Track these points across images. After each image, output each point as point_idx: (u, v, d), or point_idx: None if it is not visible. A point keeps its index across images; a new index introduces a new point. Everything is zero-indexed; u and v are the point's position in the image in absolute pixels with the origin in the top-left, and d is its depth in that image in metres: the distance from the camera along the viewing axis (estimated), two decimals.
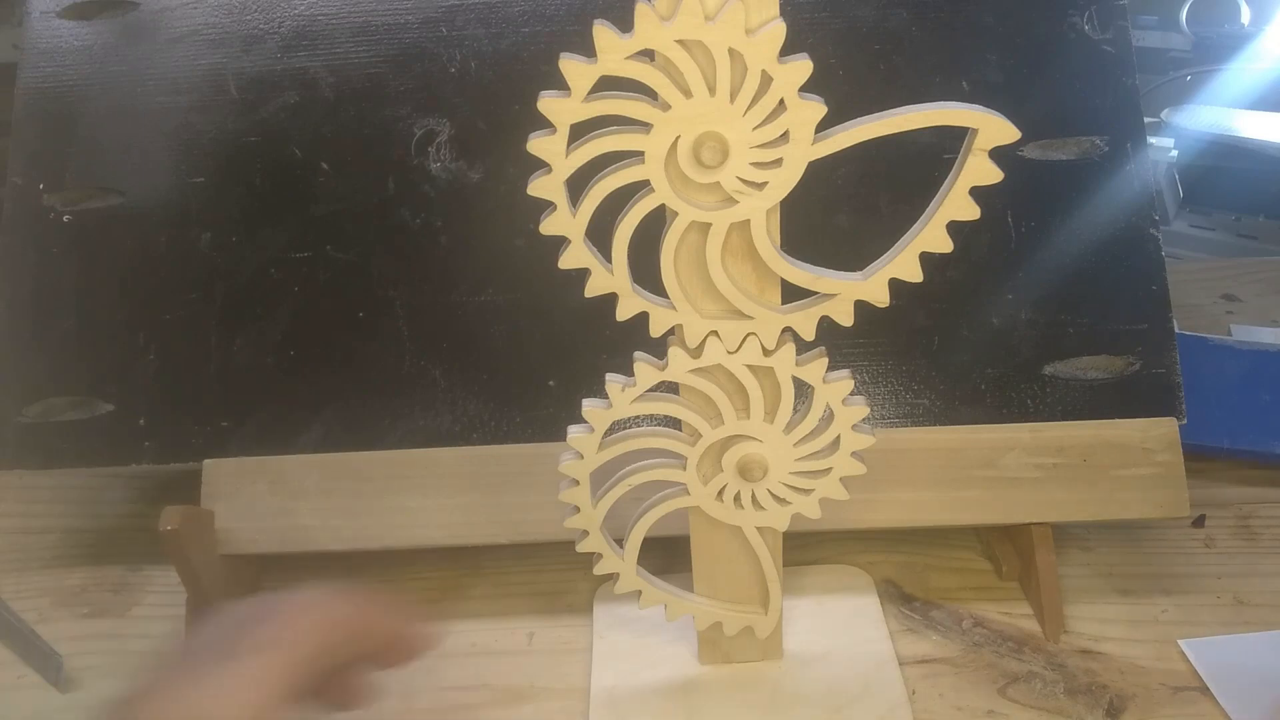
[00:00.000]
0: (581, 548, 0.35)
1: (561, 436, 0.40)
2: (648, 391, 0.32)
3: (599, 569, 0.35)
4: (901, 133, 0.43)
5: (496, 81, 0.46)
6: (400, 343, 0.44)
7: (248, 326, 0.45)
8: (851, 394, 0.32)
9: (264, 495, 0.43)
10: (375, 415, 0.44)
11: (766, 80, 0.26)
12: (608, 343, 0.44)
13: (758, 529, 0.35)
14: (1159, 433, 0.42)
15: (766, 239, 0.29)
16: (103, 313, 0.46)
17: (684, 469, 0.33)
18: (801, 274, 0.29)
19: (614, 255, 0.29)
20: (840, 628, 0.41)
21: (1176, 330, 0.44)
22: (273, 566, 0.47)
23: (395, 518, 0.43)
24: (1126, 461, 0.42)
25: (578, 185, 0.28)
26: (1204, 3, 0.74)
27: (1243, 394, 0.51)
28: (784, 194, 0.28)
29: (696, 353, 0.31)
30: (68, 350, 0.45)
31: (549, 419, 0.44)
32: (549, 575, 0.46)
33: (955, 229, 0.28)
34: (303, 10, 0.47)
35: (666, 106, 0.26)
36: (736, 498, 0.33)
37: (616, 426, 0.32)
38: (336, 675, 0.29)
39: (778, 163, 0.27)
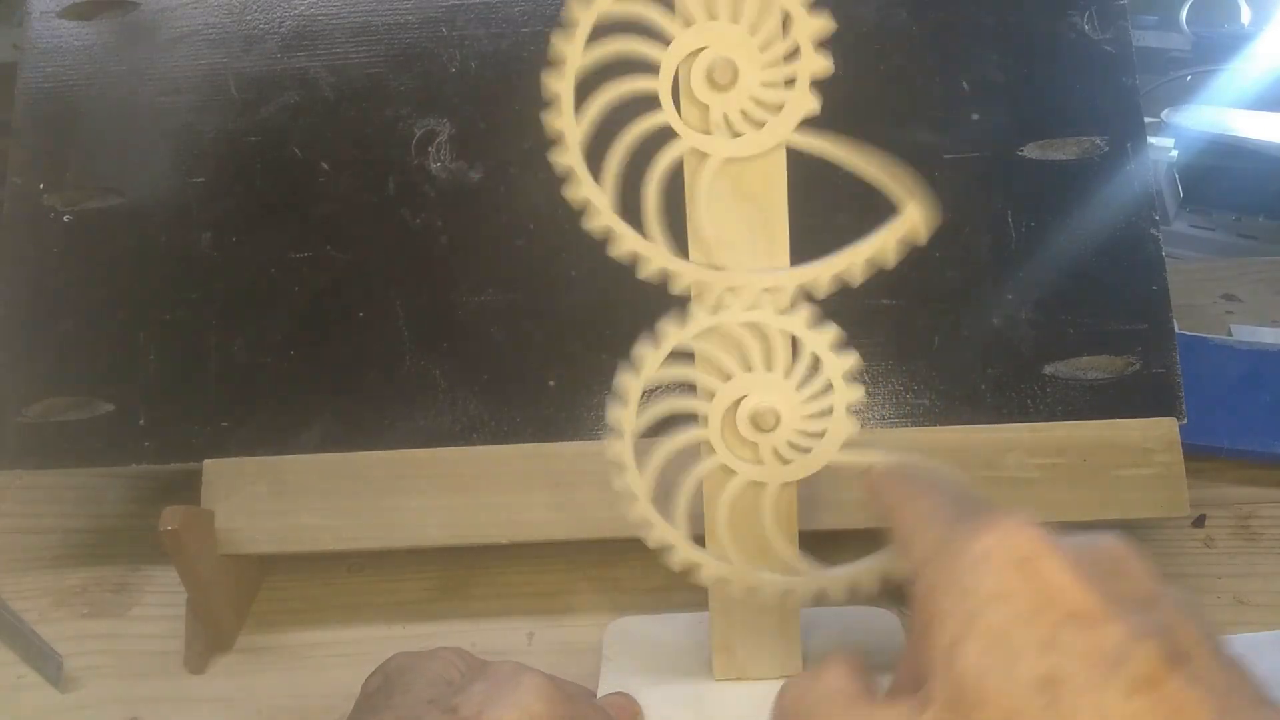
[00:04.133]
0: (643, 533, 0.34)
1: (562, 436, 0.40)
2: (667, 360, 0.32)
3: (653, 542, 0.34)
4: (902, 133, 0.44)
5: (496, 81, 0.46)
6: (400, 343, 0.44)
7: (248, 326, 0.45)
8: (840, 346, 0.32)
9: (264, 495, 0.43)
10: (375, 415, 0.44)
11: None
12: (608, 343, 0.44)
13: (775, 486, 0.34)
14: (1159, 433, 0.42)
15: (782, 179, 0.29)
16: (103, 313, 0.46)
17: (705, 427, 0.33)
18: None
19: (646, 213, 0.29)
20: (863, 640, 0.41)
21: (1176, 330, 0.44)
22: (273, 567, 0.47)
23: (395, 518, 0.43)
24: (1126, 461, 0.42)
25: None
26: (1204, 3, 0.74)
27: (1243, 394, 0.51)
28: (781, 137, 0.28)
29: (708, 313, 0.31)
30: (68, 350, 0.45)
31: (549, 419, 0.44)
32: (549, 575, 0.46)
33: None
34: (303, 10, 0.48)
35: (670, 37, 0.28)
36: (755, 450, 0.33)
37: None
38: None
39: (790, 84, 0.28)
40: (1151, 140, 0.64)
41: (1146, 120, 0.46)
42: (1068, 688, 0.18)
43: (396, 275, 0.45)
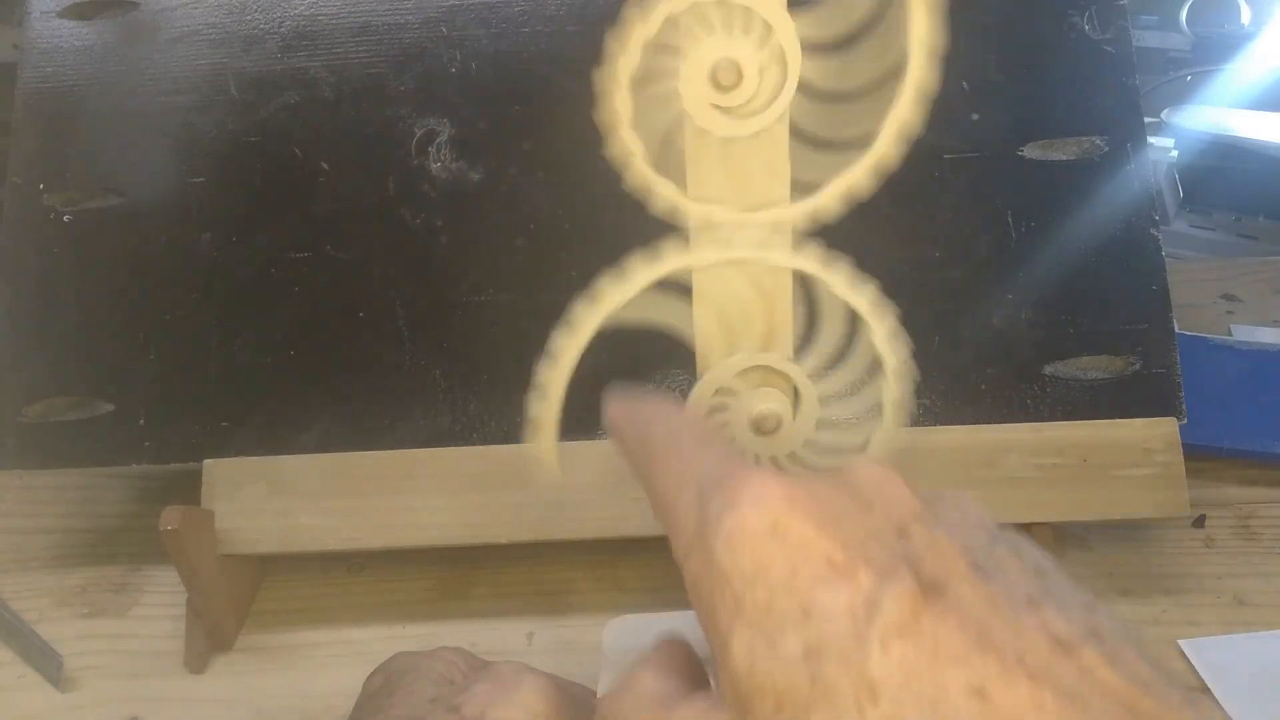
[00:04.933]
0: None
1: (561, 437, 0.40)
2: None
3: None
4: None
5: (496, 81, 0.46)
6: (400, 343, 0.44)
7: (248, 326, 0.45)
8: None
9: (264, 495, 0.43)
10: (375, 415, 0.44)
11: None
12: (608, 343, 0.44)
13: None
14: (1159, 433, 0.42)
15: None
16: (103, 313, 0.46)
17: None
18: None
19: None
20: None
21: (1176, 330, 0.44)
22: (273, 567, 0.47)
23: (395, 518, 0.43)
24: (1126, 461, 0.42)
25: None
26: (1204, 3, 0.74)
27: (1243, 394, 0.51)
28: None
29: (697, 244, 0.31)
30: (68, 350, 0.45)
31: None
32: (549, 575, 0.46)
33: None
34: (303, 10, 0.47)
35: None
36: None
37: None
38: None
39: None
40: (1151, 140, 0.64)
41: (1146, 120, 0.46)
42: (828, 655, 0.17)
43: (396, 275, 0.45)
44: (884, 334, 0.31)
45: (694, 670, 0.23)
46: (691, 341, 0.33)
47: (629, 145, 0.30)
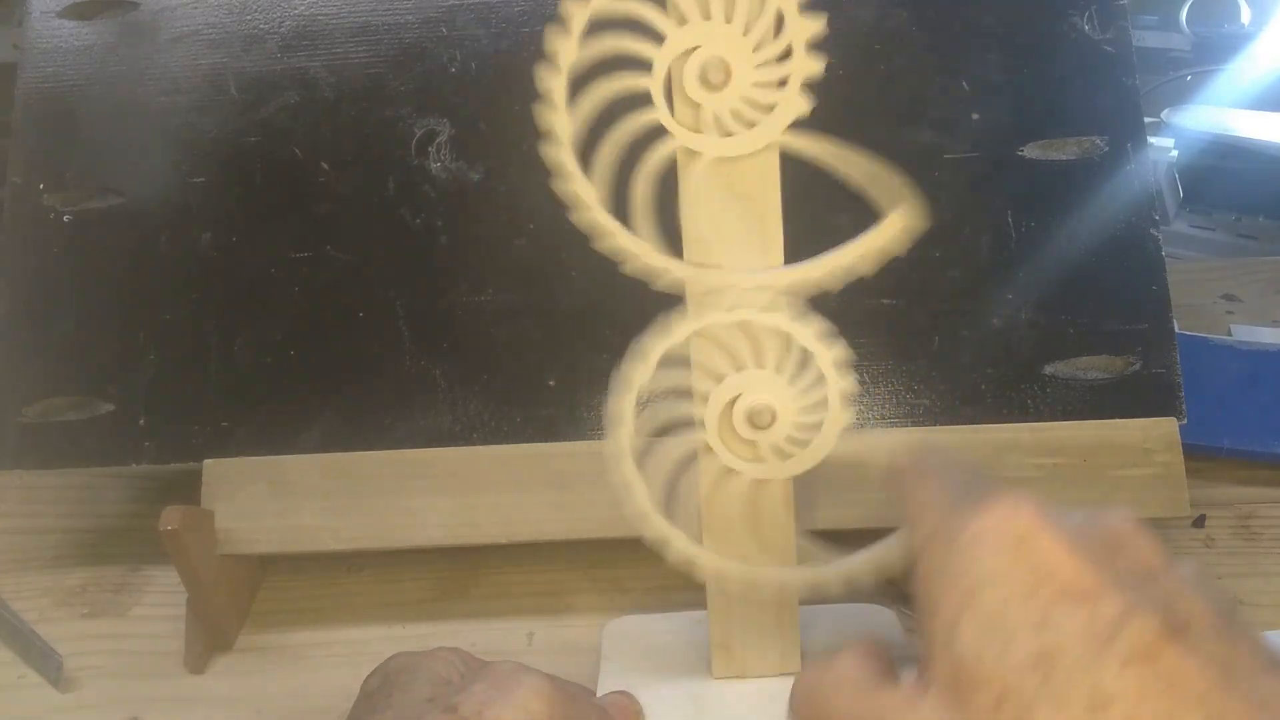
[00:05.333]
0: (640, 527, 0.34)
1: (562, 437, 0.40)
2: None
3: (650, 539, 0.34)
4: (902, 133, 0.44)
5: (496, 81, 0.46)
6: (400, 343, 0.44)
7: (248, 326, 0.45)
8: (828, 337, 0.32)
9: (264, 495, 0.43)
10: (375, 415, 0.44)
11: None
12: (608, 343, 0.44)
13: (777, 482, 0.34)
14: (1159, 433, 0.42)
15: (775, 177, 0.30)
16: (103, 313, 0.46)
17: (703, 429, 0.33)
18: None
19: (634, 210, 0.30)
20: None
21: (1176, 330, 0.44)
22: (273, 567, 0.47)
23: (395, 518, 0.43)
24: (1126, 461, 0.42)
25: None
26: (1204, 3, 0.74)
27: (1243, 394, 0.50)
28: (770, 137, 0.29)
29: (697, 313, 0.31)
30: (68, 350, 0.45)
31: (549, 419, 0.44)
32: (549, 575, 0.46)
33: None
34: (303, 10, 0.48)
35: (664, 36, 0.28)
36: (754, 448, 0.33)
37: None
38: None
39: (783, 84, 0.28)
40: (1151, 140, 0.64)
41: (1146, 120, 0.46)
42: (1062, 664, 0.18)
43: (396, 275, 0.45)
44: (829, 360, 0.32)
45: (888, 661, 0.24)
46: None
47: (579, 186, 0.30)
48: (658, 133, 0.29)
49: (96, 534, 0.50)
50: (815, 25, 0.28)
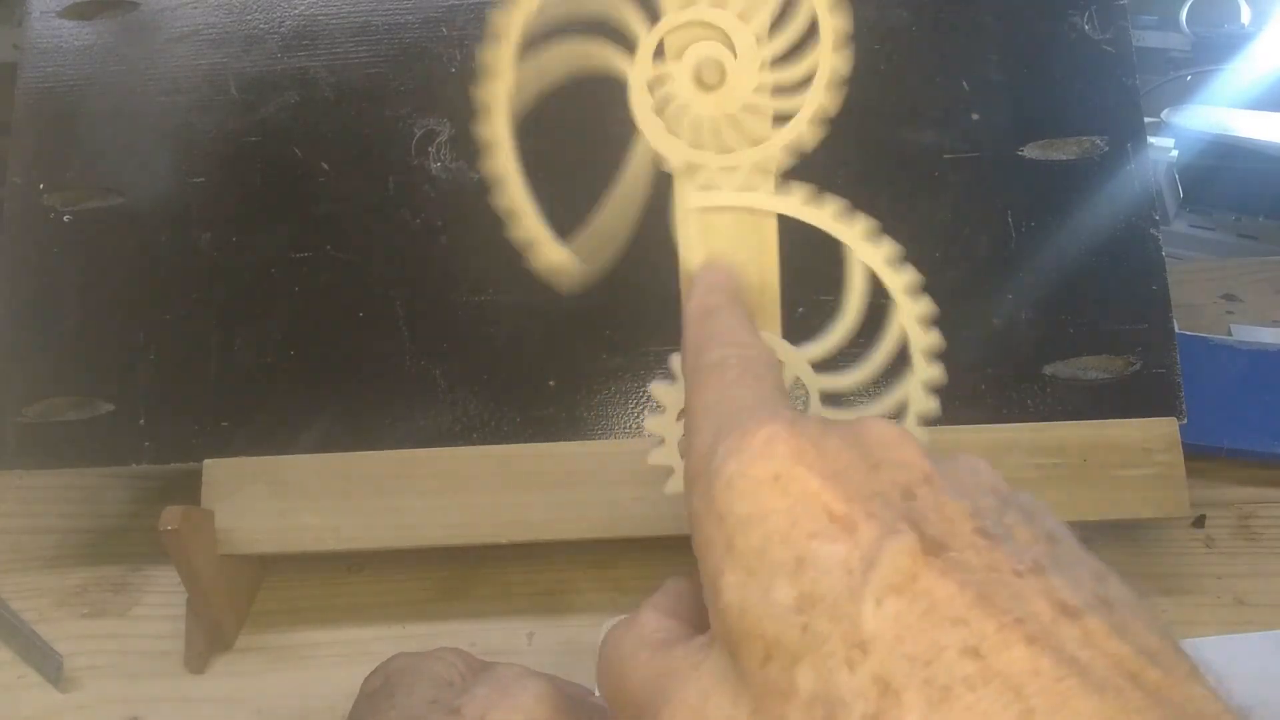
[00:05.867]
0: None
1: (562, 437, 0.40)
2: None
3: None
4: (902, 133, 0.44)
5: None
6: (400, 343, 0.44)
7: (248, 326, 0.45)
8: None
9: (264, 495, 0.43)
10: (375, 415, 0.44)
11: None
12: (608, 343, 0.44)
13: None
14: (1159, 433, 0.42)
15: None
16: (103, 313, 0.46)
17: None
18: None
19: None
20: None
21: (1176, 330, 0.44)
22: (273, 567, 0.47)
23: (395, 518, 0.43)
24: (1126, 461, 0.42)
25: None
26: (1204, 3, 0.74)
27: (1243, 394, 0.50)
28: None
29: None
30: (68, 350, 0.45)
31: (549, 419, 0.44)
32: (549, 575, 0.46)
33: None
34: (303, 10, 0.48)
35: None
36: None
37: None
38: None
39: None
40: (1151, 140, 0.64)
41: (1146, 120, 0.46)
42: (821, 607, 0.17)
43: (396, 275, 0.45)
44: (908, 309, 0.30)
45: (698, 613, 0.23)
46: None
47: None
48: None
49: (96, 534, 0.50)
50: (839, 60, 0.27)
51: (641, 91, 0.29)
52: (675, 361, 0.30)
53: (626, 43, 0.28)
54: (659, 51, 0.28)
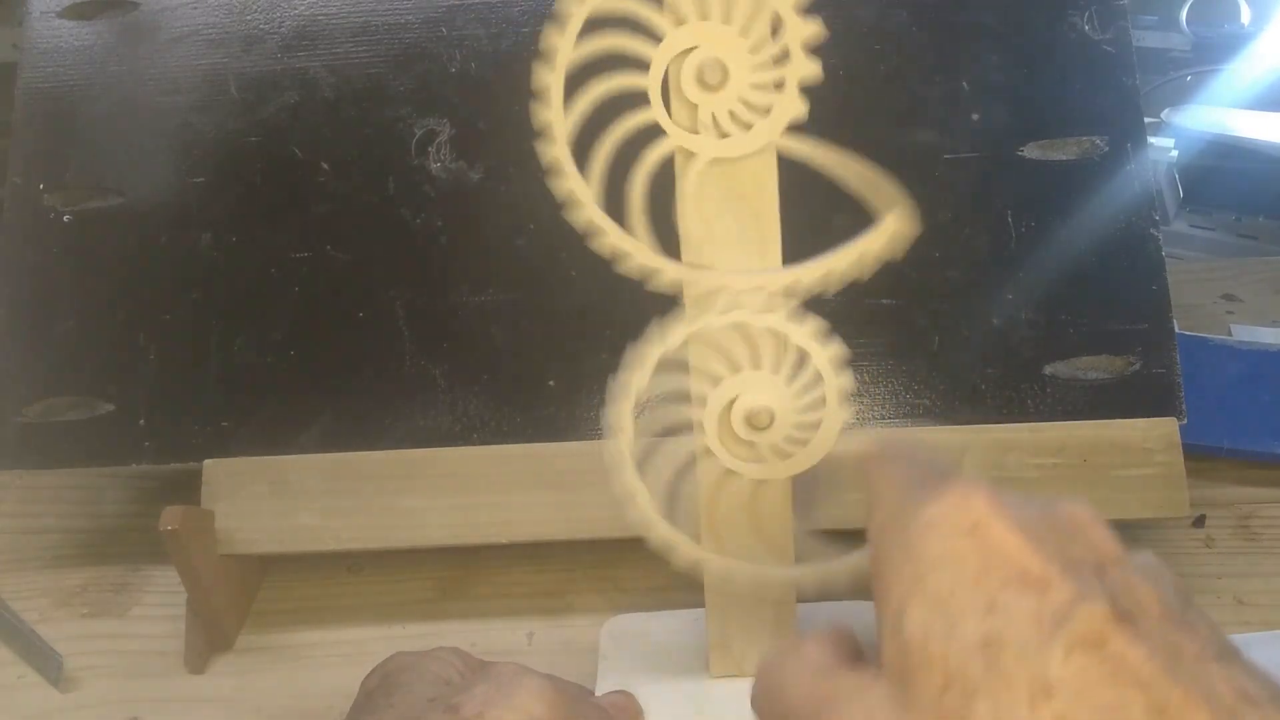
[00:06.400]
0: (644, 533, 0.33)
1: (562, 436, 0.40)
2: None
3: (655, 543, 0.34)
4: (902, 133, 0.44)
5: (496, 81, 0.46)
6: (400, 343, 0.44)
7: (248, 326, 0.45)
8: (825, 336, 0.32)
9: (264, 495, 0.43)
10: (375, 415, 0.44)
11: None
12: (608, 343, 0.44)
13: (773, 482, 0.34)
14: (1159, 433, 0.42)
15: (773, 178, 0.30)
16: (103, 313, 0.46)
17: (702, 433, 0.33)
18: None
19: (629, 212, 0.29)
20: (858, 633, 0.41)
21: (1176, 330, 0.44)
22: (273, 567, 0.47)
23: (395, 518, 0.43)
24: (1126, 461, 0.42)
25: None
26: (1204, 3, 0.74)
27: (1243, 394, 0.50)
28: (767, 139, 0.29)
29: (695, 315, 0.31)
30: (68, 350, 0.45)
31: (549, 419, 0.44)
32: (549, 575, 0.46)
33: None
34: (303, 10, 0.48)
35: (661, 35, 0.28)
36: (753, 449, 0.33)
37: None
38: None
39: (779, 86, 0.28)
40: (1151, 140, 0.64)
41: (1146, 120, 0.46)
42: (1007, 650, 0.18)
43: (396, 275, 0.45)
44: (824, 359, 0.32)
45: (854, 650, 0.24)
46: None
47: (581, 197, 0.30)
48: (655, 132, 0.29)
49: (96, 534, 0.50)
50: (812, 27, 0.28)
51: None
52: (641, 350, 0.31)
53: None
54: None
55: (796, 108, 0.29)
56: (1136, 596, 0.19)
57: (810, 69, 0.28)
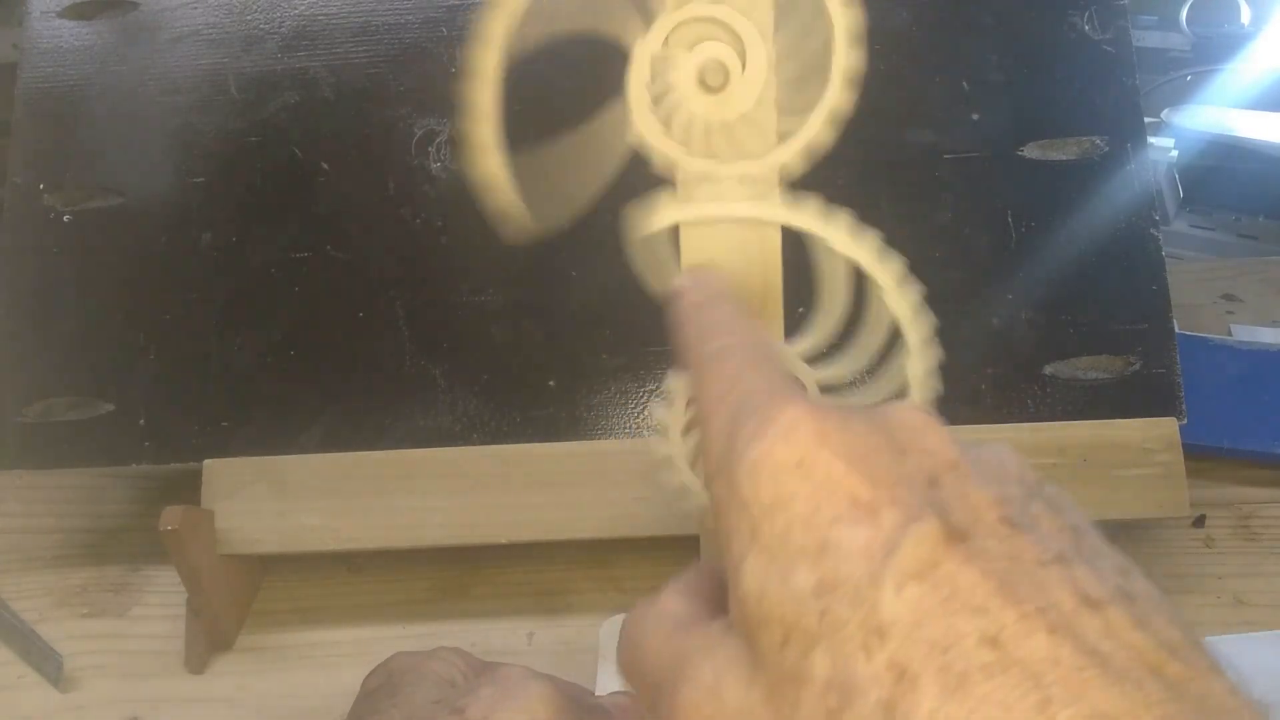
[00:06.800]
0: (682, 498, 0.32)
1: (561, 437, 0.40)
2: None
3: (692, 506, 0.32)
4: (902, 133, 0.44)
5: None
6: (400, 343, 0.44)
7: (248, 326, 0.45)
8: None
9: (264, 495, 0.43)
10: (375, 415, 0.44)
11: None
12: (608, 343, 0.44)
13: None
14: (1159, 433, 0.42)
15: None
16: (103, 313, 0.46)
17: None
18: None
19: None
20: None
21: (1176, 330, 0.44)
22: (273, 567, 0.47)
23: (395, 518, 0.43)
24: (1126, 461, 0.42)
25: None
26: (1204, 3, 0.74)
27: (1243, 394, 0.50)
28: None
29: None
30: (68, 350, 0.45)
31: (549, 419, 0.44)
32: (549, 575, 0.46)
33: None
34: (303, 10, 0.48)
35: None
36: None
37: None
38: None
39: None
40: (1151, 140, 0.64)
41: (1146, 120, 0.46)
42: (841, 592, 0.17)
43: (396, 275, 0.45)
44: (899, 296, 0.30)
45: (718, 596, 0.22)
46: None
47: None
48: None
49: (96, 534, 0.50)
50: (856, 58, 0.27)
51: (640, 81, 0.28)
52: (672, 380, 0.30)
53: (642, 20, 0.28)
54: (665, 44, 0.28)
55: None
56: (971, 505, 0.18)
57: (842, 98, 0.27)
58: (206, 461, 0.43)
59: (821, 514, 0.18)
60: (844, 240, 0.29)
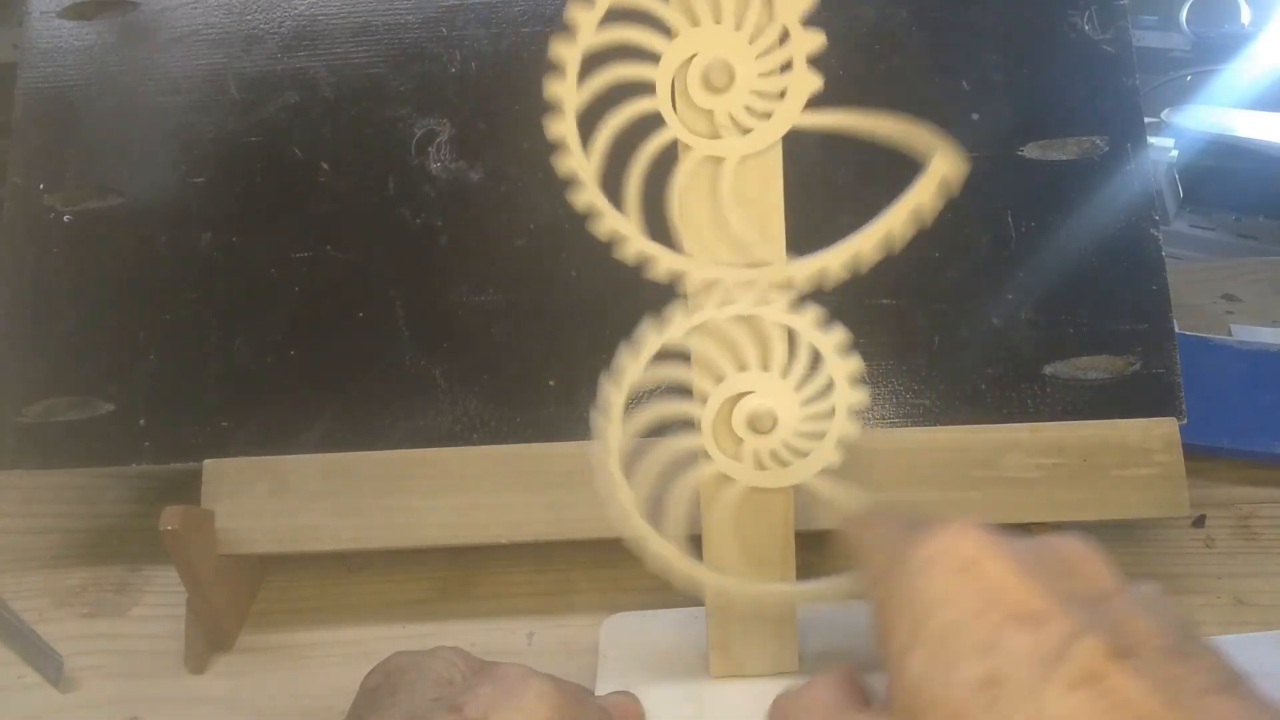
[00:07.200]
0: (622, 532, 0.34)
1: (562, 436, 0.40)
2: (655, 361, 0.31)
3: (642, 553, 0.34)
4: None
5: (496, 81, 0.46)
6: (400, 343, 0.44)
7: (248, 326, 0.45)
8: (847, 349, 0.31)
9: (264, 495, 0.43)
10: (375, 415, 0.44)
11: (769, 8, 0.27)
12: (608, 343, 0.44)
13: (778, 490, 0.33)
14: (1159, 433, 0.42)
15: (778, 174, 0.29)
16: (103, 313, 0.46)
17: (699, 432, 0.32)
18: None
19: (627, 196, 0.29)
20: (857, 637, 0.41)
21: (1176, 330, 0.44)
22: (273, 567, 0.47)
23: (395, 518, 0.43)
24: (1126, 461, 0.42)
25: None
26: (1204, 3, 0.74)
27: (1243, 394, 0.50)
28: (789, 124, 0.29)
29: (697, 306, 0.31)
30: (68, 350, 0.45)
31: (549, 419, 0.44)
32: (549, 575, 0.46)
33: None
34: (303, 10, 0.48)
35: (674, 34, 0.28)
36: (755, 456, 0.32)
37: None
38: None
39: (781, 95, 0.28)
40: (1151, 140, 0.64)
41: (1146, 120, 0.46)
42: (1008, 687, 0.18)
43: (396, 275, 0.45)
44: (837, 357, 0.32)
45: (861, 691, 0.25)
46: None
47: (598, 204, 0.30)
48: (658, 120, 0.29)
49: (96, 534, 0.50)
50: (816, 40, 0.28)
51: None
52: (640, 337, 0.31)
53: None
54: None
55: (811, 82, 0.28)
56: (1135, 629, 0.19)
57: (813, 40, 0.28)
58: (206, 461, 0.43)
59: (989, 615, 0.19)
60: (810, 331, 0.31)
